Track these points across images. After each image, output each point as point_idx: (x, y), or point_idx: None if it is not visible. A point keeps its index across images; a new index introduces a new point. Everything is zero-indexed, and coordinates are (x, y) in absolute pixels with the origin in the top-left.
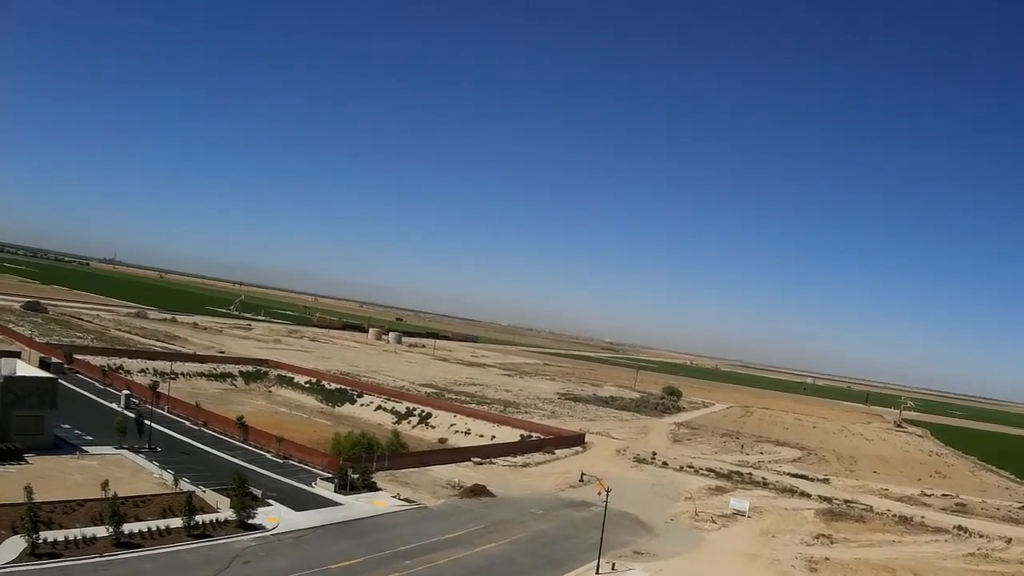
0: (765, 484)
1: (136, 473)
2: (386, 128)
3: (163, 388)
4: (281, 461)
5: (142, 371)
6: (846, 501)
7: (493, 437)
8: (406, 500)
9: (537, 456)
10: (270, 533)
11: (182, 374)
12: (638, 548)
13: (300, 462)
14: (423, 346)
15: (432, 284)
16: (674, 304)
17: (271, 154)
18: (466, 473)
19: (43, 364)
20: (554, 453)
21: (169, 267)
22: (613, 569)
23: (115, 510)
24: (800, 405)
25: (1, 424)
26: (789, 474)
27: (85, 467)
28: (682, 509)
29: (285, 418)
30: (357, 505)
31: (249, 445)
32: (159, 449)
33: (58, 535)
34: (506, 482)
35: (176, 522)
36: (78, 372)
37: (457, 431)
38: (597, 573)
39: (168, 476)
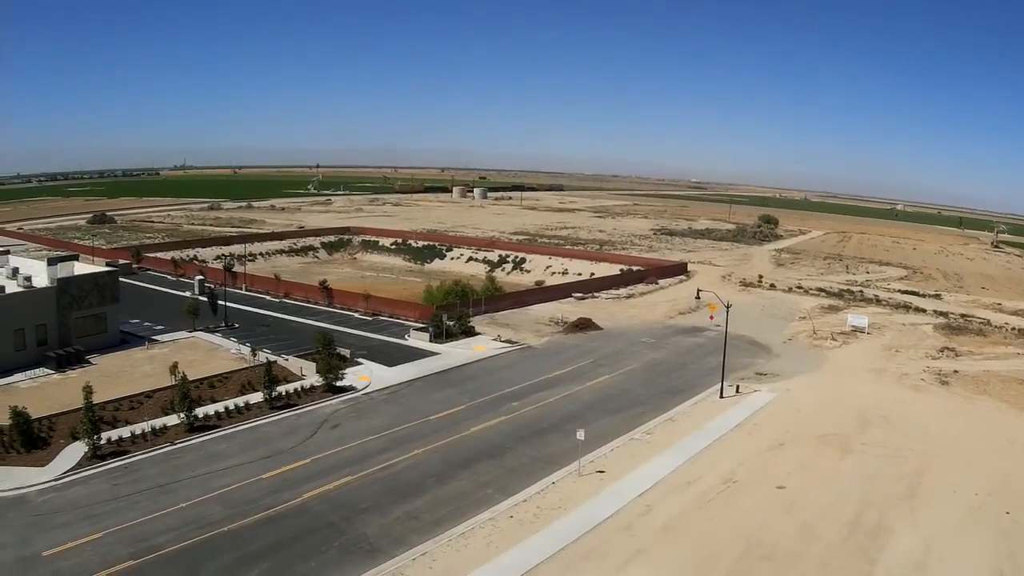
0: (878, 301)
1: (211, 352)
2: None
3: (240, 269)
4: (370, 318)
5: (218, 258)
6: (962, 315)
7: (592, 274)
8: (507, 341)
9: (640, 287)
10: (361, 392)
11: (260, 254)
12: (760, 369)
13: (391, 317)
14: (509, 199)
15: (512, 143)
16: (757, 140)
17: (328, 31)
18: (568, 309)
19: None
20: (657, 283)
21: (242, 163)
22: (737, 391)
23: (185, 393)
24: (894, 230)
25: (60, 329)
26: (899, 291)
27: (155, 356)
28: (798, 329)
29: (372, 281)
30: (455, 352)
31: (335, 308)
32: (236, 326)
33: (123, 432)
34: (611, 314)
35: (256, 396)
36: (148, 269)
37: (554, 272)
38: (721, 396)
39: (246, 350)
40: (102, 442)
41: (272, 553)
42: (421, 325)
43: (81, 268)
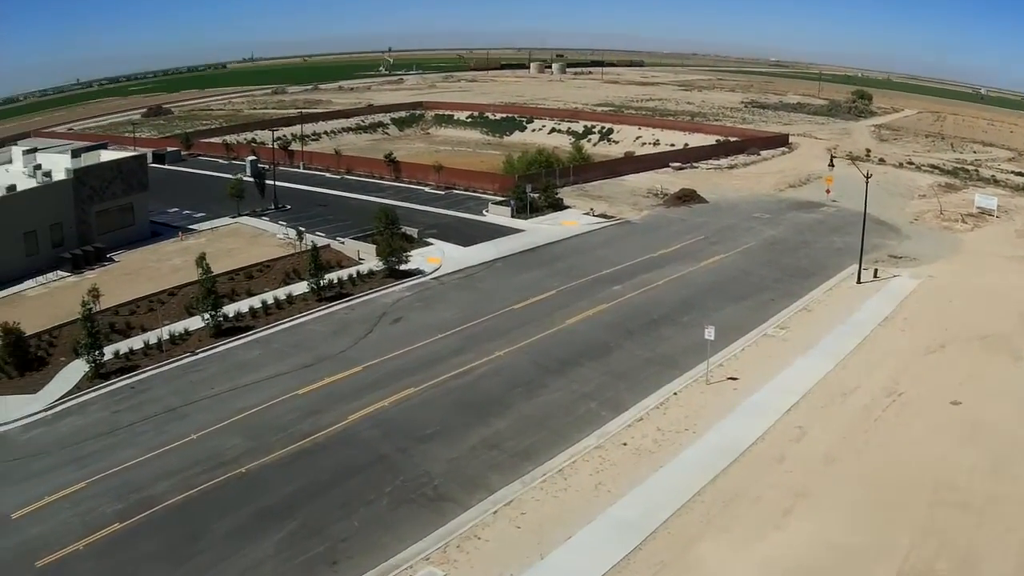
0: (995, 182)
1: (254, 239)
2: None
3: (297, 148)
4: (442, 192)
5: (278, 138)
6: None
7: (686, 145)
8: (601, 216)
9: (742, 158)
10: (430, 277)
11: (325, 132)
12: (893, 252)
13: (466, 190)
14: (589, 73)
15: (589, 22)
16: (837, 20)
17: None
18: (667, 179)
19: (156, 157)
20: (759, 154)
21: (312, 52)
22: (876, 276)
23: (210, 288)
24: (986, 113)
25: (79, 225)
26: (1013, 172)
27: (188, 248)
28: (922, 208)
29: (447, 155)
30: (541, 229)
31: (402, 183)
32: (287, 207)
33: (135, 342)
34: (715, 185)
35: (301, 287)
36: (199, 155)
37: (644, 143)
38: (859, 281)
39: (293, 234)
40: (107, 357)
41: (301, 506)
42: (501, 199)
43: (108, 156)
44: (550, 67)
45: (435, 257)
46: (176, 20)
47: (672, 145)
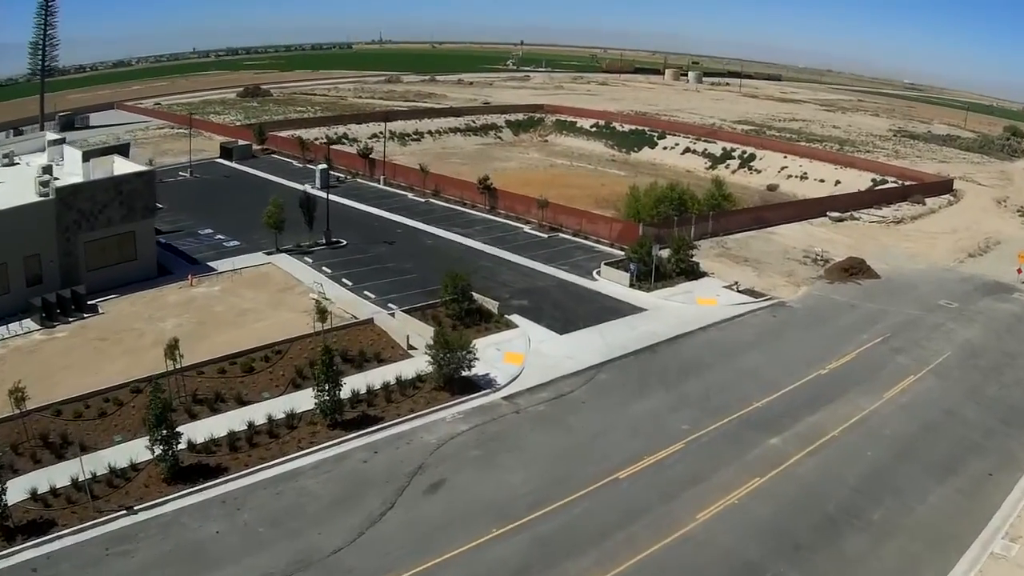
0: None
1: (283, 293)
2: None
3: (387, 154)
4: (546, 235)
5: (373, 136)
6: None
7: (837, 183)
8: (748, 292)
9: (906, 207)
10: (502, 395)
11: (429, 132)
12: None
13: (576, 234)
14: (727, 84)
15: (726, 29)
16: (973, 44)
17: None
18: (824, 236)
19: (223, 151)
20: (924, 203)
21: (444, 39)
22: None
23: (160, 414)
24: None
25: (62, 259)
26: None
27: (194, 300)
28: None
29: (563, 171)
30: (668, 308)
31: (497, 216)
32: (342, 243)
33: (60, 475)
34: (883, 249)
35: (306, 399)
36: (273, 151)
37: (790, 175)
38: None
39: (338, 289)
40: (9, 499)
41: None
42: (618, 253)
43: (122, 167)
44: (686, 75)
45: (516, 353)
46: None
47: (822, 180)
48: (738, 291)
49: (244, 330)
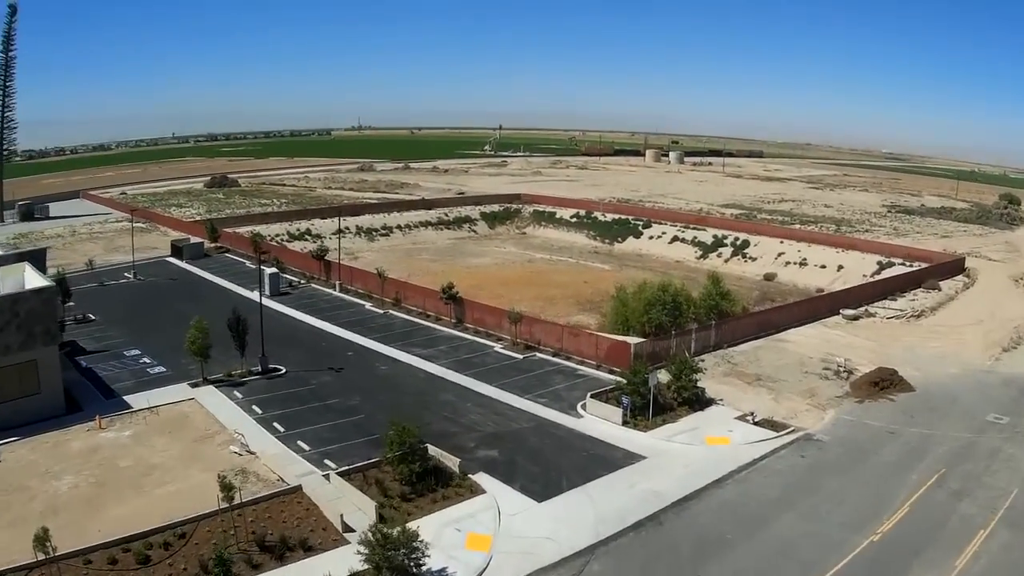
0: None
1: (201, 443)
2: None
3: (353, 252)
4: (520, 356)
5: (339, 232)
6: None
7: (840, 268)
8: (766, 424)
9: (921, 294)
10: None
11: (399, 226)
12: None
13: (556, 354)
14: (709, 164)
15: (704, 107)
16: (948, 111)
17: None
18: (842, 339)
19: (174, 249)
20: (940, 288)
21: (422, 124)
22: None
23: None
24: None
25: None
26: None
27: (98, 449)
28: None
29: (542, 267)
30: (672, 454)
31: (465, 331)
32: (281, 371)
33: None
34: (909, 350)
35: None
36: (227, 249)
37: (788, 262)
38: None
39: (265, 438)
40: None
41: None
42: (606, 377)
43: (32, 279)
44: (667, 155)
45: (482, 535)
46: (294, 82)
47: (823, 266)
48: (754, 423)
49: (146, 499)
